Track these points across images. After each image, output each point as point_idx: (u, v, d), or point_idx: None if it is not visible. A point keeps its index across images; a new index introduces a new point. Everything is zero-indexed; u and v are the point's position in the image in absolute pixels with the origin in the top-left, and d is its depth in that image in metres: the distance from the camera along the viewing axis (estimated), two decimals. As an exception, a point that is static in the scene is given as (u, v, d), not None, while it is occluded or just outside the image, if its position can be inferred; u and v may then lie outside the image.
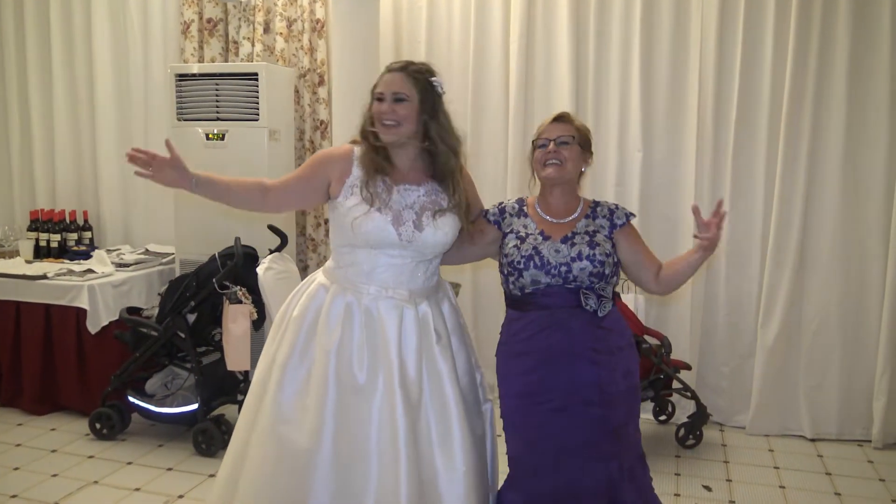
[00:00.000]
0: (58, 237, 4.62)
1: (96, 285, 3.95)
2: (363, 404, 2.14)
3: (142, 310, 3.90)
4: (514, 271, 2.25)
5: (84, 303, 3.89)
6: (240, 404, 3.90)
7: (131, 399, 3.75)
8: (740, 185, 3.95)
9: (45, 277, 4.02)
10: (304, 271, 4.52)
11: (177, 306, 3.65)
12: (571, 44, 4.06)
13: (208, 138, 4.14)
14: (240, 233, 3.68)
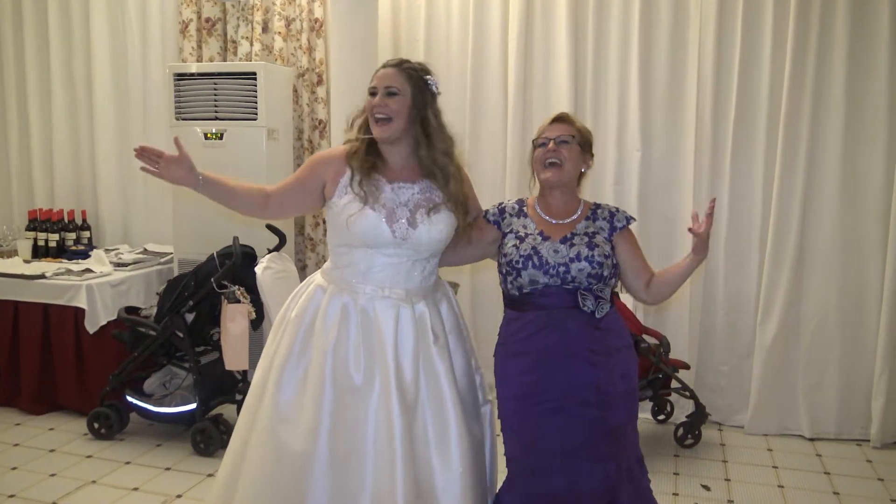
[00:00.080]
0: (56, 237, 4.62)
1: (94, 285, 3.95)
2: (360, 405, 2.14)
3: (140, 309, 3.90)
4: (512, 271, 2.25)
5: (82, 302, 3.90)
6: (238, 404, 3.93)
7: (130, 399, 3.75)
8: (739, 184, 3.95)
9: (43, 277, 4.02)
10: (303, 271, 4.52)
11: (175, 306, 3.65)
12: (570, 43, 4.06)
13: (207, 138, 4.15)
14: (238, 232, 3.68)
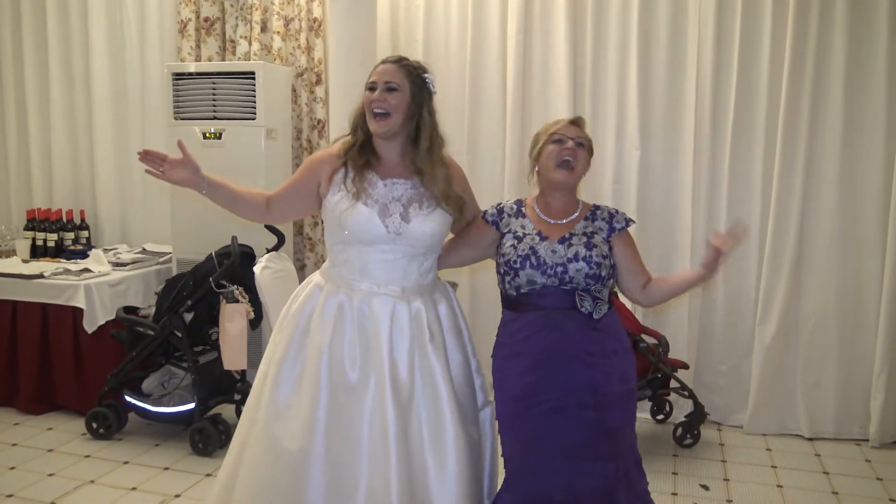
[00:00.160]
0: (55, 236, 4.61)
1: (93, 284, 3.95)
2: (355, 402, 2.14)
3: (138, 309, 3.89)
4: (510, 271, 2.25)
5: (81, 302, 3.89)
6: (237, 404, 3.93)
7: (128, 398, 3.75)
8: (737, 184, 3.95)
9: (41, 277, 4.01)
10: (302, 270, 4.51)
11: (173, 305, 3.64)
12: (569, 42, 4.05)
13: (205, 137, 4.14)
14: (237, 232, 3.68)
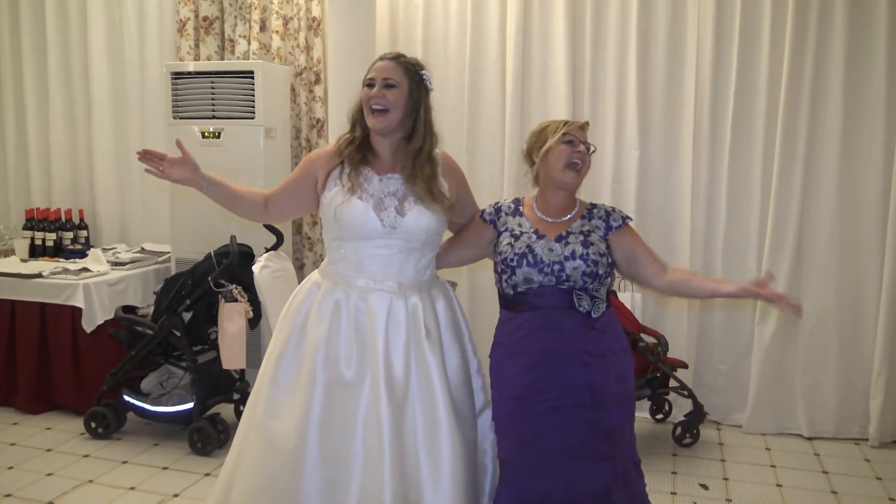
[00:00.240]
0: (53, 236, 4.61)
1: (92, 284, 3.94)
2: (350, 400, 2.15)
3: (137, 308, 3.89)
4: (507, 269, 2.24)
5: (79, 301, 3.89)
6: (235, 403, 3.93)
7: (127, 398, 3.74)
8: (737, 183, 3.95)
9: (40, 276, 4.01)
10: (301, 270, 4.51)
11: (172, 305, 3.64)
12: (568, 42, 4.05)
13: (204, 136, 4.14)
14: (235, 231, 3.67)
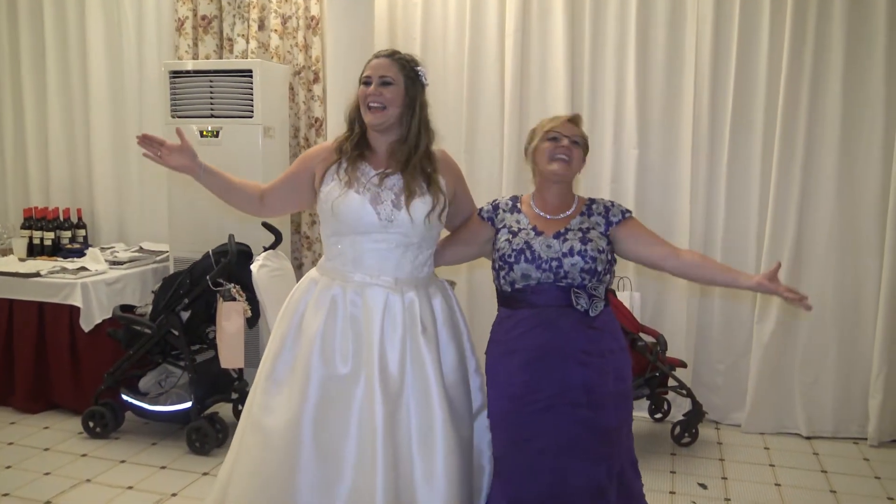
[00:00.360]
0: (51, 235, 4.60)
1: (90, 283, 3.94)
2: (345, 396, 2.15)
3: (135, 307, 3.88)
4: (504, 265, 2.24)
5: (77, 301, 3.88)
6: (234, 402, 3.92)
7: (125, 397, 3.74)
8: (736, 182, 3.95)
9: (38, 275, 4.00)
10: (299, 269, 4.50)
11: (170, 304, 3.63)
12: (567, 41, 4.05)
13: (202, 135, 4.13)
14: (234, 230, 3.67)
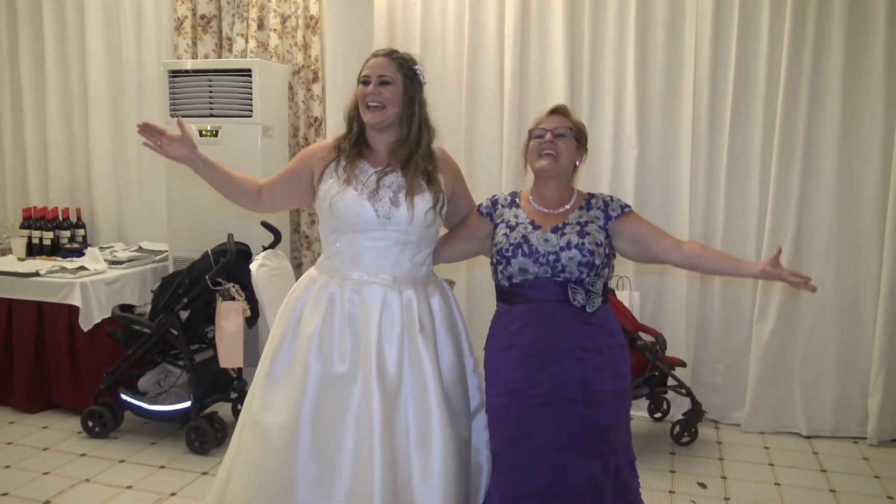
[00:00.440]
0: (50, 235, 4.59)
1: (89, 283, 3.93)
2: (343, 394, 2.15)
3: (134, 307, 3.88)
4: (502, 259, 2.23)
5: (76, 300, 3.88)
6: (233, 402, 3.92)
7: (124, 397, 3.73)
8: (735, 181, 3.94)
9: (37, 275, 4.00)
10: (298, 268, 4.50)
11: (169, 303, 3.63)
12: (566, 40, 4.04)
13: (202, 135, 4.12)
14: (233, 229, 3.67)
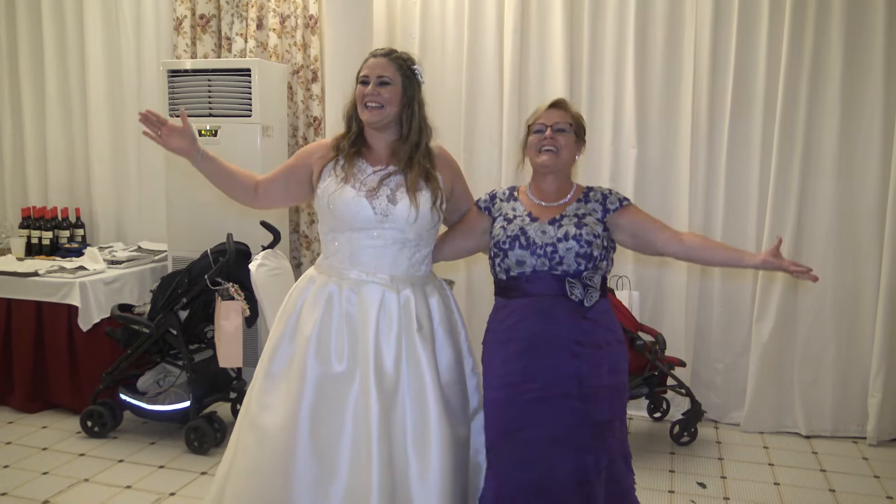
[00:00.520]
0: (50, 234, 4.59)
1: (88, 282, 3.93)
2: (340, 393, 2.15)
3: (133, 307, 3.88)
4: (499, 252, 2.23)
5: (76, 300, 3.88)
6: (232, 402, 3.92)
7: (123, 396, 3.73)
8: (735, 181, 3.95)
9: (36, 274, 3.99)
10: (298, 268, 4.50)
11: (169, 303, 3.63)
12: (565, 39, 4.05)
13: (201, 134, 4.12)
14: (232, 229, 3.67)
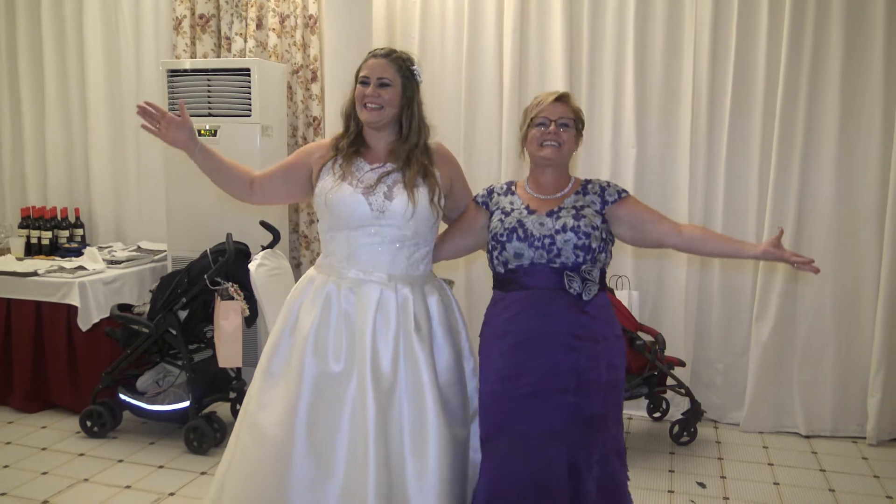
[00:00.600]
0: (49, 234, 4.59)
1: (87, 282, 3.93)
2: (337, 393, 2.15)
3: (133, 307, 3.88)
4: (497, 245, 2.23)
5: (75, 300, 3.88)
6: (232, 402, 3.91)
7: (122, 396, 3.73)
8: (734, 180, 3.94)
9: (35, 274, 3.99)
10: (297, 268, 4.50)
11: (168, 303, 3.63)
12: (565, 39, 4.05)
13: (200, 134, 4.11)
14: (232, 229, 3.67)
